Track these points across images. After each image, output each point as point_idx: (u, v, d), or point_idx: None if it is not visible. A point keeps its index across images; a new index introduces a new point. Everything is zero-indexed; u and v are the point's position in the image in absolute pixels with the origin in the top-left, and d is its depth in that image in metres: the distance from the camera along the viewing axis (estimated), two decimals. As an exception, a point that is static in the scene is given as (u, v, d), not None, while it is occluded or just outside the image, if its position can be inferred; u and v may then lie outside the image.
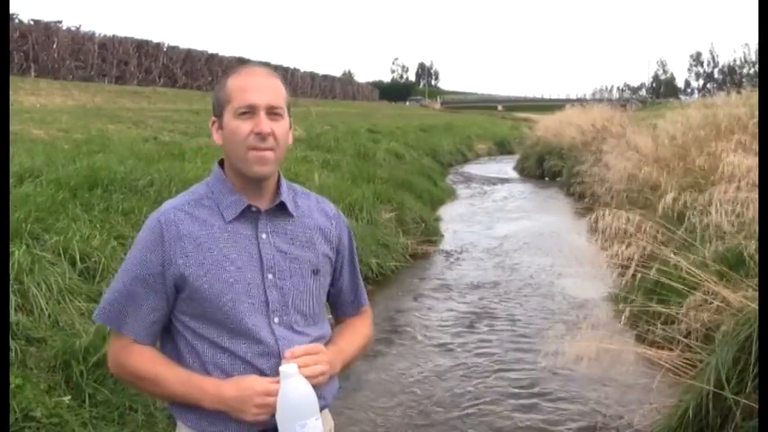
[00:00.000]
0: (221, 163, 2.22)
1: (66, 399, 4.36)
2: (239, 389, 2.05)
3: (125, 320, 2.12)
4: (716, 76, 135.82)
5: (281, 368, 2.03)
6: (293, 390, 2.01)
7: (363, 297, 2.49)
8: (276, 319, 2.14)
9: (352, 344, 2.35)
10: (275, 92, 2.14)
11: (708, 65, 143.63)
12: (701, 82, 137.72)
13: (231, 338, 2.10)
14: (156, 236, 2.10)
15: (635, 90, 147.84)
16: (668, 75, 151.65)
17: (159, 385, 2.13)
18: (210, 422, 2.11)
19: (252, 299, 2.12)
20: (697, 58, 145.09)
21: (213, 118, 2.19)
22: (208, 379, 2.09)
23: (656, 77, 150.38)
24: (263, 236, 2.16)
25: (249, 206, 2.15)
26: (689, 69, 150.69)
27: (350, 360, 2.33)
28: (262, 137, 2.08)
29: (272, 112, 2.11)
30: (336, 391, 2.33)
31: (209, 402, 2.07)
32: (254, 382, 2.05)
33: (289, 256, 2.19)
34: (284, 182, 2.24)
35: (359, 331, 2.43)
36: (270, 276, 2.14)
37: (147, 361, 2.14)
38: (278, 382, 2.03)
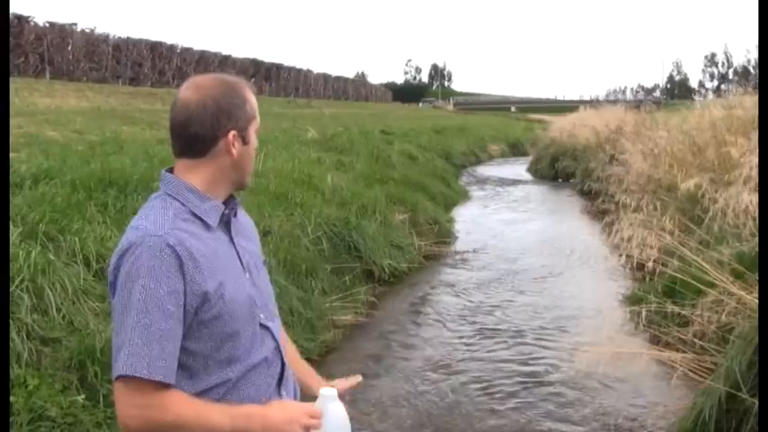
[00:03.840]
0: (169, 170, 2.13)
1: (81, 399, 4.38)
2: (285, 411, 2.03)
3: (159, 365, 1.92)
4: (730, 77, 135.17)
5: (322, 390, 2.08)
6: (339, 411, 2.06)
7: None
8: (262, 315, 2.15)
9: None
10: None
11: (722, 66, 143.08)
12: (716, 83, 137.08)
13: (233, 346, 2.06)
14: (173, 261, 1.94)
15: (649, 91, 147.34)
16: (682, 76, 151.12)
17: (202, 427, 1.96)
18: None
19: (246, 300, 2.10)
20: (711, 59, 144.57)
21: (234, 131, 2.09)
22: (250, 406, 2.03)
23: (670, 78, 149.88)
24: (235, 237, 2.15)
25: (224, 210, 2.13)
26: (703, 70, 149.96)
27: None
28: None
29: None
30: None
31: (258, 427, 1.99)
32: (298, 405, 2.08)
33: (251, 253, 2.21)
34: None
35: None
36: (247, 275, 2.14)
37: (182, 404, 1.95)
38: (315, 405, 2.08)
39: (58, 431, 4.12)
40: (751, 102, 10.25)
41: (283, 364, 2.20)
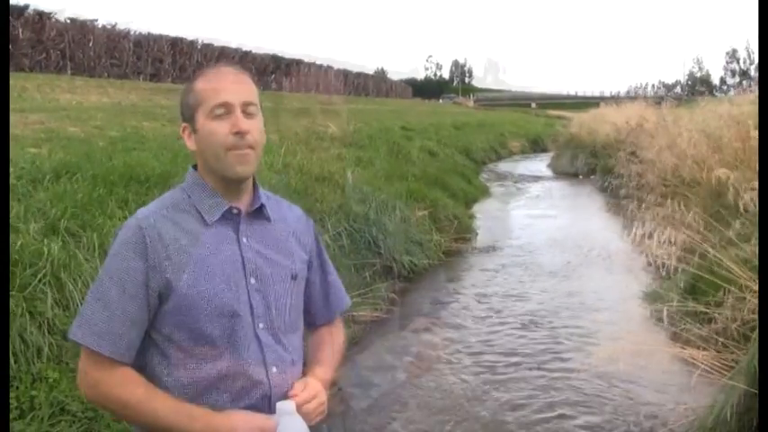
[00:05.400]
0: (195, 167, 2.16)
1: (102, 393, 4.39)
2: (232, 421, 1.97)
3: (105, 338, 1.96)
4: (752, 73, 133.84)
5: (279, 404, 1.99)
6: (295, 426, 1.97)
7: (338, 303, 2.41)
8: (261, 325, 2.08)
9: (334, 359, 2.33)
10: (247, 89, 2.09)
11: (744, 62, 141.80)
12: (738, 79, 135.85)
13: (215, 347, 2.02)
14: (138, 242, 2.00)
15: (670, 87, 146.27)
16: (704, 72, 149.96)
17: (144, 413, 1.97)
18: None
19: (238, 303, 2.05)
20: (733, 55, 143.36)
21: (184, 124, 2.12)
22: (197, 407, 1.98)
23: (691, 75, 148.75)
24: (244, 239, 2.11)
25: (230, 208, 2.10)
26: (724, 67, 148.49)
27: (332, 378, 2.28)
28: (241, 135, 2.03)
29: (247, 111, 2.06)
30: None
31: (200, 429, 1.96)
32: (249, 418, 1.98)
33: (269, 261, 2.13)
34: (259, 186, 2.19)
35: (336, 341, 2.39)
36: (252, 281, 2.09)
37: (129, 385, 1.98)
38: (271, 418, 1.99)
39: (79, 425, 4.14)
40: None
41: (271, 385, 2.08)
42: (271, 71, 48.21)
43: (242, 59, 46.39)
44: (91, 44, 33.73)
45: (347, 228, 9.14)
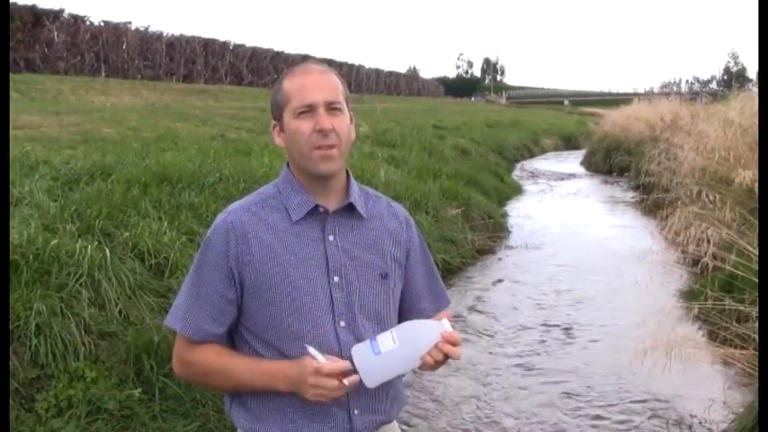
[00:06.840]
0: (289, 164, 2.20)
1: (137, 392, 4.43)
2: (296, 368, 2.02)
3: (188, 321, 2.12)
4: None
5: (444, 321, 2.07)
6: (426, 326, 2.07)
7: (444, 300, 2.40)
8: (342, 323, 2.11)
9: None
10: (332, 88, 2.11)
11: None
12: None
13: (294, 342, 2.07)
14: (223, 237, 2.09)
15: (705, 83, 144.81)
16: (740, 66, 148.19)
17: (228, 376, 2.11)
18: (261, 423, 2.13)
19: (317, 300, 2.09)
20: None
21: (273, 122, 2.17)
22: (274, 362, 2.08)
23: (726, 70, 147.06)
24: (330, 237, 2.13)
25: (317, 206, 2.12)
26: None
27: None
28: (324, 133, 2.05)
29: (331, 108, 2.08)
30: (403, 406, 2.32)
31: (282, 383, 2.05)
32: (307, 362, 2.01)
33: (356, 259, 2.15)
34: (355, 183, 2.21)
35: None
36: (336, 279, 2.11)
37: (213, 353, 2.12)
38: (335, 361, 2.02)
39: (115, 423, 4.18)
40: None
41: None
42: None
43: (273, 60, 46.66)
44: (124, 46, 34.07)
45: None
